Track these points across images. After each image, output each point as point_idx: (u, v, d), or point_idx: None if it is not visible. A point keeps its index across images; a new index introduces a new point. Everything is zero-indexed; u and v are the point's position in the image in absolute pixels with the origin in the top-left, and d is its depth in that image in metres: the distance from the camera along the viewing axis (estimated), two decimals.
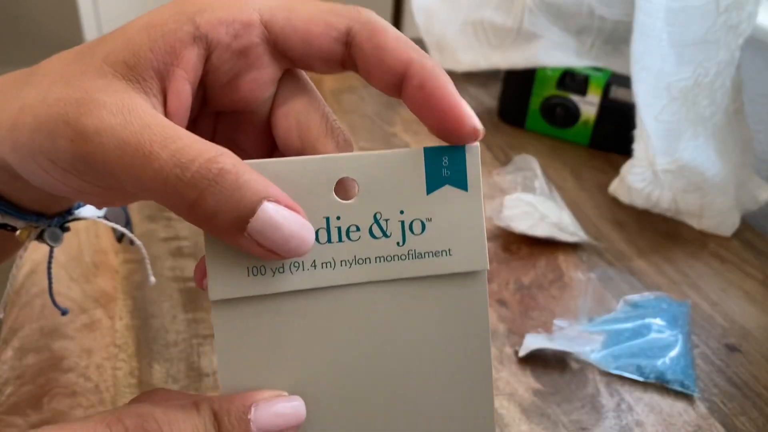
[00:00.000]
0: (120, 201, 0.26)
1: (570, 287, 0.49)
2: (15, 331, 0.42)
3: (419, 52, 0.23)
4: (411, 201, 0.23)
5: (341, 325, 0.23)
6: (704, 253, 0.55)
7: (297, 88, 0.25)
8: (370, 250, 0.23)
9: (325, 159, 0.22)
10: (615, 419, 0.39)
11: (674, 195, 0.56)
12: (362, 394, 0.23)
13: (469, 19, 0.73)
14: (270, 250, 0.20)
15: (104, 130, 0.20)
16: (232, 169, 0.20)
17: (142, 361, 0.41)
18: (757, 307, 0.49)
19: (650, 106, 0.54)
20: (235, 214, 0.20)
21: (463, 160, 0.23)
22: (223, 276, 0.22)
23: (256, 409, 0.22)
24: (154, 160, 0.20)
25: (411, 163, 0.23)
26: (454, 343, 0.24)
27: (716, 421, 0.39)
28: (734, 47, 0.52)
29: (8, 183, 0.27)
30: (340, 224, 0.22)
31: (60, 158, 0.21)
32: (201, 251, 0.50)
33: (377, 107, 0.75)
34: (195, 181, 0.20)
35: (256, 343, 0.22)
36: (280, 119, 0.25)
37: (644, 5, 0.52)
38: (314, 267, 0.22)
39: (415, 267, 0.23)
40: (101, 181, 0.22)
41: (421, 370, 0.24)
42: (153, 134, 0.20)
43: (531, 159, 0.60)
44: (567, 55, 0.69)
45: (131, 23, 0.23)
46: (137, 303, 0.45)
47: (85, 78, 0.22)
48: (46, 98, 0.21)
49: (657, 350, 0.43)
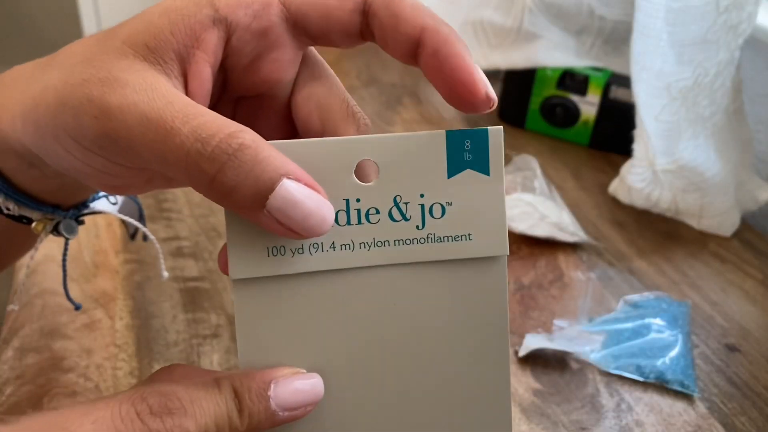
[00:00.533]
0: (140, 183, 0.26)
1: (570, 287, 0.49)
2: (15, 331, 0.42)
3: (435, 19, 0.22)
4: (431, 184, 0.23)
5: (359, 307, 0.23)
6: (704, 253, 0.55)
7: (316, 73, 0.25)
8: (389, 233, 0.23)
9: (346, 141, 0.22)
10: (615, 419, 0.39)
11: (674, 195, 0.56)
12: (379, 375, 0.24)
13: (469, 18, 0.73)
14: (289, 228, 0.20)
15: (127, 106, 0.21)
16: (252, 144, 0.20)
17: (142, 361, 0.41)
18: (757, 307, 0.49)
19: (650, 106, 0.54)
20: (254, 190, 0.20)
21: (486, 144, 0.23)
22: (244, 256, 0.22)
23: (276, 385, 0.22)
24: (175, 135, 0.20)
25: (432, 146, 0.23)
26: (472, 327, 0.24)
27: (716, 421, 0.39)
28: (734, 47, 0.52)
29: (25, 172, 0.27)
30: (360, 206, 0.22)
31: (84, 136, 0.22)
32: (201, 251, 0.50)
33: (377, 107, 0.75)
34: (215, 156, 0.20)
35: (275, 322, 0.23)
36: (301, 103, 0.25)
37: (644, 5, 0.52)
38: (333, 249, 0.22)
39: (434, 251, 0.23)
40: (124, 158, 0.22)
41: (438, 353, 0.24)
42: (175, 110, 0.20)
43: (531, 159, 0.60)
44: (567, 55, 0.68)
45: (151, 9, 0.23)
46: (137, 303, 0.45)
47: (107, 59, 0.22)
48: (68, 79, 0.22)
49: (657, 350, 0.43)
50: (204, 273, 0.48)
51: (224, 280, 0.48)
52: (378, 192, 0.22)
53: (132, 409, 0.21)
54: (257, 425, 0.22)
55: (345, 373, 0.23)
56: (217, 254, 0.50)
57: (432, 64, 0.22)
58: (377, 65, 0.83)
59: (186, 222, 0.54)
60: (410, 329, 0.23)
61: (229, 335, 0.43)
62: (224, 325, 0.44)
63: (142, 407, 0.21)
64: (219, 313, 0.45)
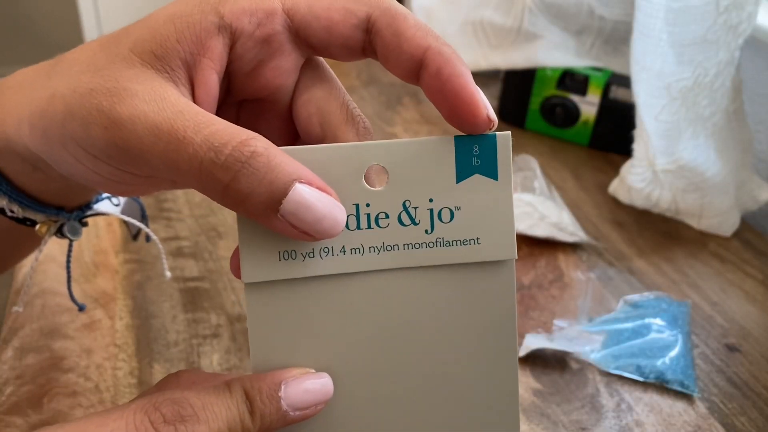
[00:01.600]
0: (145, 187, 0.26)
1: (570, 287, 0.49)
2: (15, 331, 0.42)
3: (438, 40, 0.23)
4: (440, 189, 0.23)
5: (369, 310, 0.23)
6: (704, 253, 0.55)
7: (317, 76, 0.25)
8: (398, 237, 0.23)
9: (356, 146, 0.23)
10: (615, 419, 0.39)
11: (674, 195, 0.56)
12: (388, 376, 0.24)
13: (469, 19, 0.74)
14: (303, 231, 0.21)
15: (138, 117, 0.21)
16: (264, 151, 0.20)
17: (142, 361, 0.41)
18: (757, 307, 0.49)
19: (650, 106, 0.54)
20: (268, 195, 0.20)
21: (494, 149, 0.23)
22: (256, 260, 0.22)
23: (286, 386, 0.22)
24: (188, 145, 0.20)
25: (441, 151, 0.23)
26: (481, 329, 0.24)
27: (716, 421, 0.39)
28: (734, 47, 0.52)
29: (29, 175, 0.27)
30: (370, 211, 0.23)
31: (93, 146, 0.22)
32: (201, 251, 0.50)
33: (377, 107, 0.75)
34: (228, 164, 0.20)
35: (286, 324, 0.23)
36: (301, 107, 0.25)
37: (644, 5, 0.52)
38: (343, 252, 0.23)
39: (443, 255, 0.23)
40: (134, 167, 0.22)
41: (447, 355, 0.24)
42: (186, 120, 0.21)
43: (531, 159, 0.60)
44: (567, 55, 0.69)
45: (154, 14, 0.23)
46: (137, 303, 0.45)
47: (114, 68, 0.22)
48: (76, 87, 0.22)
49: (657, 350, 0.43)
50: (204, 273, 0.48)
51: (224, 280, 0.48)
52: (387, 197, 0.23)
53: (146, 419, 0.21)
54: (269, 426, 0.22)
55: (355, 374, 0.24)
56: (217, 254, 0.50)
57: (434, 85, 0.23)
58: (377, 65, 0.83)
59: (186, 222, 0.54)
60: (419, 331, 0.24)
61: (229, 335, 0.43)
62: (224, 325, 0.44)
63: (156, 416, 0.21)
64: (219, 313, 0.45)
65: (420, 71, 0.23)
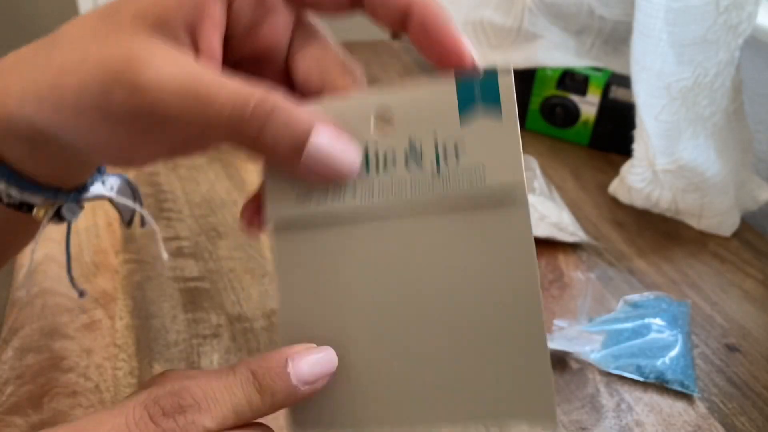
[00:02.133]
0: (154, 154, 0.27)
1: (570, 287, 0.49)
2: (15, 331, 0.42)
3: None
4: (446, 130, 0.24)
5: (387, 259, 0.24)
6: (704, 253, 0.55)
7: (311, 33, 0.27)
8: (407, 179, 0.24)
9: (362, 95, 0.24)
10: (615, 419, 0.39)
11: (674, 195, 0.56)
12: (409, 327, 0.24)
13: (469, 19, 0.73)
14: (324, 173, 0.23)
15: (161, 82, 0.22)
16: (284, 104, 0.22)
17: (142, 361, 0.41)
18: (756, 307, 0.49)
19: (650, 106, 0.54)
20: (292, 142, 0.22)
21: (496, 87, 0.23)
22: (278, 200, 0.25)
23: (293, 361, 0.23)
24: (214, 103, 0.22)
25: (444, 93, 0.24)
26: (501, 273, 0.23)
27: (716, 421, 0.39)
28: (734, 47, 0.52)
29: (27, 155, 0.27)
30: (378, 156, 0.24)
31: (113, 113, 0.23)
32: (201, 251, 0.50)
33: None
34: (254, 119, 0.22)
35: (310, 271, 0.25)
36: (299, 62, 0.26)
37: (644, 5, 0.52)
38: (354, 196, 0.24)
39: (452, 189, 0.24)
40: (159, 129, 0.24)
41: (468, 301, 0.24)
42: (208, 80, 0.22)
43: (530, 159, 0.60)
44: (567, 55, 0.69)
45: None
46: (137, 303, 0.45)
47: (122, 36, 0.23)
48: (86, 59, 0.22)
49: (657, 350, 0.43)
50: (204, 273, 0.48)
51: (224, 280, 0.48)
52: (395, 141, 0.24)
53: (145, 413, 0.21)
54: (281, 403, 0.23)
55: (374, 324, 0.24)
56: (217, 254, 0.50)
57: (420, 34, 0.24)
58: (377, 65, 0.83)
59: (186, 222, 0.54)
60: (438, 278, 0.24)
61: (229, 335, 0.43)
62: (224, 325, 0.44)
63: (155, 410, 0.21)
64: (219, 313, 0.45)
65: (406, 21, 0.24)
